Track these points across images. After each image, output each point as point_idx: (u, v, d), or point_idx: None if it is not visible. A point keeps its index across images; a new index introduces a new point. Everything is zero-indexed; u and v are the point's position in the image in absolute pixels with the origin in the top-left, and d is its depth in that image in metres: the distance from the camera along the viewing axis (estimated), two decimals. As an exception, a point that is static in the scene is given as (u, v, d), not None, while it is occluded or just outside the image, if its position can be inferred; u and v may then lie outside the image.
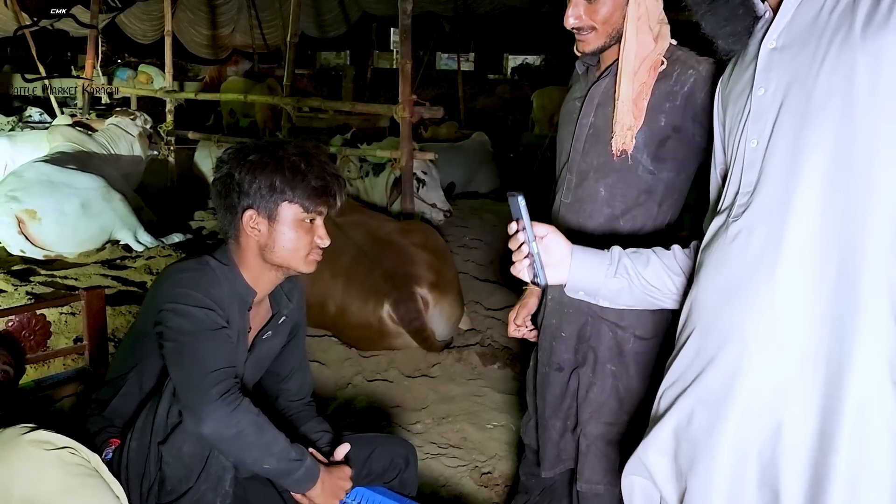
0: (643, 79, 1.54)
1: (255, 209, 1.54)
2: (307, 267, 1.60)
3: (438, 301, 3.42)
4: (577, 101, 1.69)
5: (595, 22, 1.54)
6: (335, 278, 3.52)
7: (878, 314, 0.92)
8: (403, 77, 4.45)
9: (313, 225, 1.58)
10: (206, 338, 1.48)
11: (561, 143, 1.74)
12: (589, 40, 1.57)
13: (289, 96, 5.46)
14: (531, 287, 1.88)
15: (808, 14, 1.01)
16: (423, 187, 4.86)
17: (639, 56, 1.53)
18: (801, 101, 0.99)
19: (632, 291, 1.33)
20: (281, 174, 1.52)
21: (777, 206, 1.00)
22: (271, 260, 1.58)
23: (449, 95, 13.49)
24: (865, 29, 0.92)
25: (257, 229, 1.56)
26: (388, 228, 3.75)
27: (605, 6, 1.52)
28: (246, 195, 1.53)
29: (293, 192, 1.53)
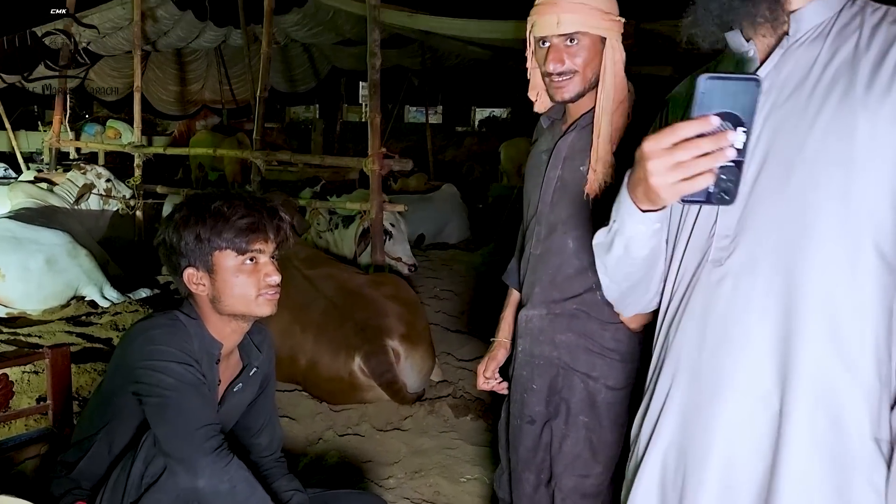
0: (619, 123, 1.59)
1: (194, 266, 1.53)
2: (264, 309, 1.57)
3: (410, 353, 3.42)
4: (544, 155, 1.72)
5: (576, 66, 1.57)
6: (305, 331, 3.49)
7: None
8: (372, 130, 4.52)
9: (256, 265, 1.54)
10: (191, 392, 1.46)
11: (528, 196, 1.78)
12: (568, 86, 1.58)
13: (258, 150, 5.49)
14: (499, 339, 1.89)
15: (798, 63, 1.02)
16: (390, 240, 4.89)
17: (616, 99, 1.58)
18: (790, 152, 0.99)
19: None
20: (203, 224, 1.50)
21: (770, 258, 1.00)
22: (226, 311, 1.56)
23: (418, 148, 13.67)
24: (868, 89, 0.94)
25: (201, 284, 1.54)
26: (359, 281, 3.76)
27: (584, 51, 1.56)
28: (181, 254, 1.53)
29: (220, 239, 1.50)
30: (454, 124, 22.32)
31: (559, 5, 1.54)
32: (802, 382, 0.97)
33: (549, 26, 1.55)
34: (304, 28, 9.77)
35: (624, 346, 1.63)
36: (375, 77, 4.50)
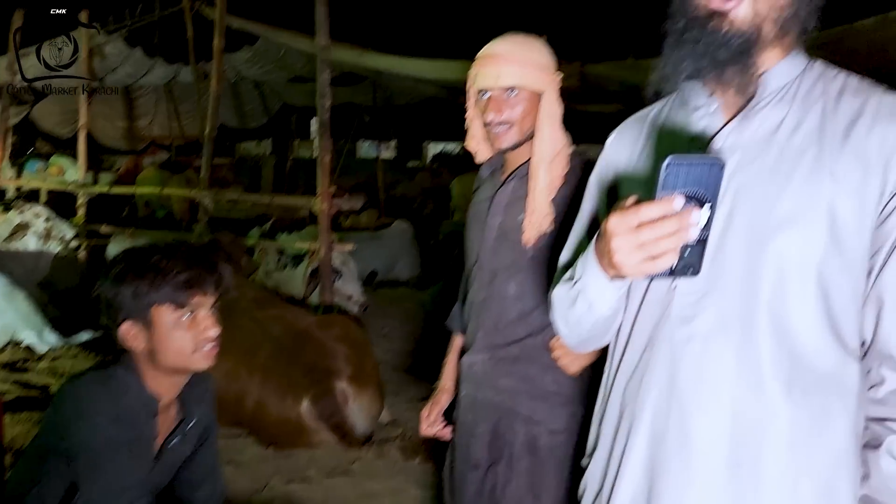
0: (554, 174, 1.64)
1: (131, 320, 1.51)
2: (202, 363, 1.55)
3: (358, 395, 3.39)
4: (485, 203, 1.77)
5: (514, 117, 1.62)
6: (252, 374, 3.44)
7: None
8: (322, 169, 4.53)
9: (195, 319, 1.53)
10: (120, 452, 1.43)
11: (471, 243, 1.81)
12: (507, 135, 1.64)
13: (206, 189, 5.44)
14: (443, 384, 1.91)
15: (764, 124, 1.02)
16: (340, 279, 4.87)
17: (553, 149, 1.63)
18: (760, 215, 0.98)
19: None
20: (141, 279, 1.49)
21: (741, 320, 0.99)
22: (163, 365, 1.54)
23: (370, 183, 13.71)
24: (835, 162, 0.96)
25: (138, 339, 1.52)
26: (307, 322, 3.73)
27: (522, 103, 1.62)
28: (118, 309, 1.51)
29: (158, 294, 1.49)
30: (407, 159, 22.47)
31: (500, 59, 1.60)
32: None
33: (490, 79, 1.61)
34: (254, 66, 9.78)
35: (565, 390, 1.66)
36: (325, 117, 4.54)
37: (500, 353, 1.70)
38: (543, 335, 1.67)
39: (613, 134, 1.25)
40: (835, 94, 1.01)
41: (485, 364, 1.72)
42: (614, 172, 1.20)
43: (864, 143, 0.96)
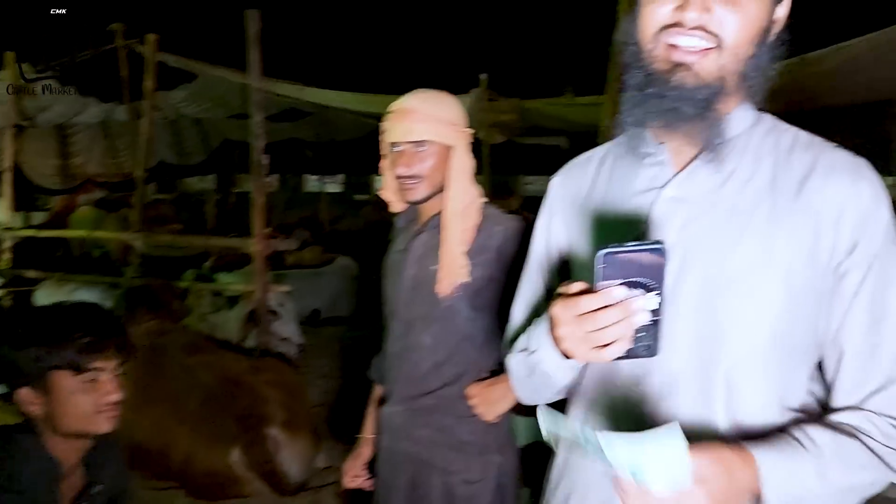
0: (466, 225, 1.67)
1: (30, 386, 1.48)
2: (103, 426, 1.52)
3: (291, 441, 3.34)
4: (400, 254, 1.79)
5: (423, 171, 1.66)
6: (181, 424, 3.36)
7: None
8: (257, 211, 4.48)
9: (96, 383, 1.50)
10: None
11: (386, 294, 1.83)
12: (417, 188, 1.67)
13: (138, 231, 5.33)
14: (364, 436, 1.90)
15: (715, 176, 1.00)
16: (277, 320, 4.81)
17: (463, 202, 1.67)
18: (711, 270, 0.97)
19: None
20: (40, 344, 1.46)
21: (693, 381, 0.98)
22: (63, 430, 1.50)
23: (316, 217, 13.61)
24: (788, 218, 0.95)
25: (34, 404, 1.49)
26: (239, 367, 3.66)
27: (432, 157, 1.65)
28: (16, 373, 1.48)
29: (59, 359, 1.46)
30: (354, 192, 22.48)
31: (411, 114, 1.64)
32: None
33: (400, 133, 1.64)
34: (193, 103, 9.70)
35: (480, 439, 1.67)
36: (259, 158, 4.50)
37: (416, 404, 1.71)
38: (459, 385, 1.68)
39: (558, 177, 1.22)
40: (786, 149, 1.01)
41: (402, 415, 1.73)
42: (561, 219, 1.17)
43: (817, 199, 0.95)
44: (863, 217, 0.94)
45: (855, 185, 0.95)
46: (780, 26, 1.01)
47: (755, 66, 0.97)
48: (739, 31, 0.94)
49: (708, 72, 0.94)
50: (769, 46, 0.99)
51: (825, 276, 0.95)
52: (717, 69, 0.94)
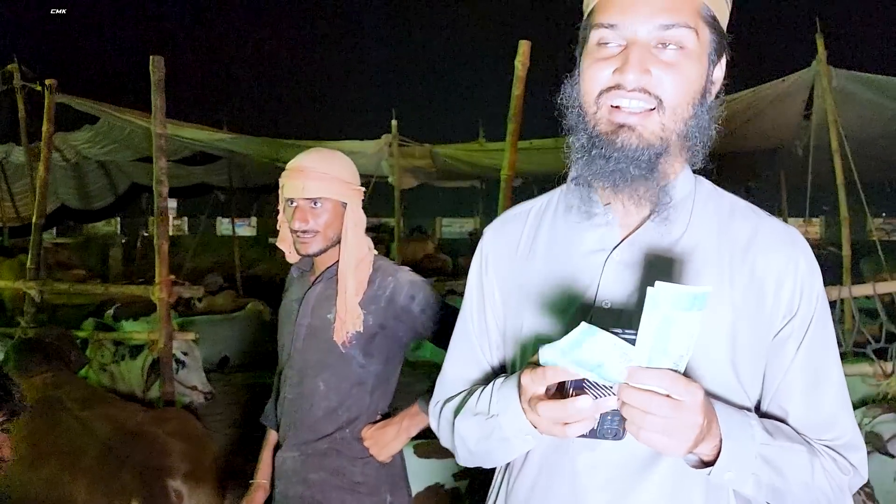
0: (360, 277, 1.76)
1: None
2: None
3: (193, 492, 3.26)
4: (295, 303, 1.86)
5: (318, 226, 1.75)
6: (76, 480, 3.23)
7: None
8: (160, 258, 4.42)
9: None
10: None
11: (282, 341, 1.89)
12: (312, 242, 1.77)
13: (34, 279, 5.13)
14: (258, 481, 1.93)
15: (660, 241, 1.02)
16: (184, 369, 4.72)
17: (356, 256, 1.76)
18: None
19: None
20: None
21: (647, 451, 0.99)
22: None
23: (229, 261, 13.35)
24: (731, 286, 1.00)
25: None
26: (139, 419, 3.56)
27: (326, 213, 1.75)
28: None
29: None
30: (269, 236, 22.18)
31: (306, 172, 1.74)
32: None
33: (296, 190, 1.73)
34: (97, 146, 9.44)
35: (372, 480, 1.74)
36: (163, 205, 4.45)
37: (310, 448, 1.76)
38: (351, 428, 1.75)
39: (490, 231, 1.21)
40: (726, 215, 1.05)
41: (295, 460, 1.78)
42: (495, 274, 1.16)
43: (759, 268, 1.01)
44: (800, 286, 1.01)
45: (793, 257, 1.02)
46: (718, 87, 1.05)
47: (696, 127, 1.00)
48: (678, 92, 0.97)
49: (651, 132, 0.97)
50: (709, 107, 1.02)
51: (765, 339, 1.01)
52: (659, 129, 0.97)
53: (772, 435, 0.96)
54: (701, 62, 0.99)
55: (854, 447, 1.04)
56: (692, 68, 0.98)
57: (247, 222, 24.69)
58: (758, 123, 6.40)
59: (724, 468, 0.91)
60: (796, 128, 6.63)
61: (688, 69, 0.97)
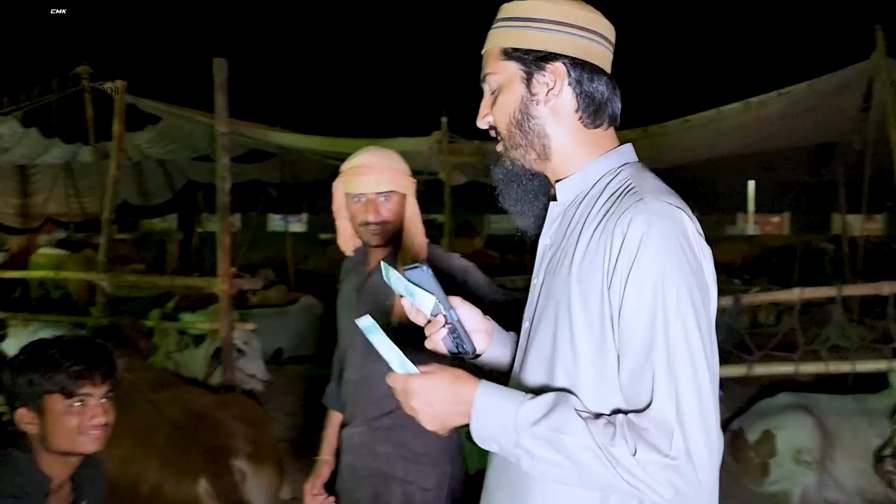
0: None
1: (25, 407, 1.66)
2: (89, 447, 1.69)
3: (256, 473, 3.44)
4: (354, 293, 1.99)
5: (390, 216, 1.89)
6: (149, 458, 3.44)
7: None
8: (222, 251, 4.63)
9: (84, 407, 1.68)
10: None
11: (343, 328, 2.02)
12: (382, 233, 1.90)
13: (104, 271, 5.41)
14: (323, 457, 2.06)
15: (560, 230, 1.21)
16: (243, 357, 4.92)
17: (417, 242, 1.88)
18: (553, 298, 1.16)
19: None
20: (35, 370, 1.65)
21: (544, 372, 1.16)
22: (53, 448, 1.67)
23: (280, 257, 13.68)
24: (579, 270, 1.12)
25: (31, 424, 1.66)
26: (205, 402, 3.76)
27: (394, 204, 1.90)
28: (15, 396, 1.66)
29: (50, 384, 1.64)
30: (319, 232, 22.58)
31: (374, 169, 1.87)
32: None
33: (368, 185, 1.87)
34: (158, 145, 9.79)
35: (433, 451, 1.86)
36: (225, 200, 4.66)
37: (375, 423, 1.89)
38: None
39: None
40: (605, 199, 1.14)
41: (363, 435, 1.91)
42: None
43: (604, 244, 1.09)
44: (629, 261, 1.05)
45: (633, 234, 1.05)
46: (552, 94, 1.19)
47: (539, 135, 1.21)
48: (502, 121, 1.23)
49: (507, 155, 1.25)
50: (547, 115, 1.20)
51: (606, 308, 1.08)
52: (505, 151, 1.24)
53: (539, 424, 1.05)
54: (512, 90, 1.21)
55: (665, 429, 1.01)
56: (503, 98, 1.23)
57: (298, 218, 25.15)
58: (814, 117, 6.31)
59: (483, 443, 1.12)
60: (854, 122, 6.50)
61: (502, 100, 1.23)
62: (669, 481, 1.00)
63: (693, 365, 1.03)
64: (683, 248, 1.06)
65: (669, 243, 1.05)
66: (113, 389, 1.74)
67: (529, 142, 1.21)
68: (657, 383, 1.03)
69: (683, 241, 1.06)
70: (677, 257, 1.05)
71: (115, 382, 1.75)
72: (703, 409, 1.02)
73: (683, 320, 1.03)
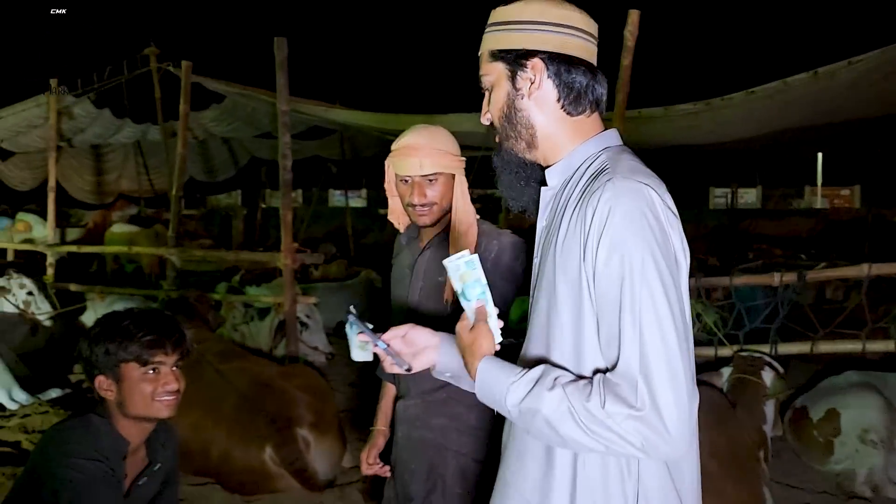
0: (468, 241, 1.91)
1: (104, 374, 1.78)
2: (163, 412, 1.81)
3: (319, 441, 3.57)
4: (407, 269, 2.04)
5: (435, 198, 1.91)
6: (218, 425, 3.61)
7: None
8: (285, 227, 4.76)
9: (158, 374, 1.80)
10: (100, 486, 1.67)
11: (396, 303, 2.07)
12: (429, 214, 1.93)
13: (174, 246, 5.63)
14: (378, 428, 2.14)
15: (552, 211, 1.32)
16: (306, 330, 5.07)
17: (466, 222, 1.91)
18: (548, 275, 1.26)
19: None
20: (112, 340, 1.77)
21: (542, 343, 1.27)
22: (130, 413, 1.79)
23: (341, 231, 13.92)
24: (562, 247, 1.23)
25: (110, 391, 1.78)
26: (271, 373, 3.91)
27: (440, 186, 1.91)
28: (93, 364, 1.78)
29: (126, 353, 1.76)
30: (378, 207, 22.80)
31: (420, 150, 1.89)
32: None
33: (412, 167, 1.89)
34: (222, 123, 10.05)
35: (486, 424, 1.90)
36: (287, 177, 4.78)
37: (430, 397, 1.94)
38: (467, 379, 1.91)
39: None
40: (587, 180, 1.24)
41: (418, 407, 1.96)
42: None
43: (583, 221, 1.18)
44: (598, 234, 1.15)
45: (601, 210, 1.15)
46: (534, 88, 1.30)
47: (526, 126, 1.32)
48: (495, 115, 1.36)
49: (502, 146, 1.37)
50: (531, 107, 1.31)
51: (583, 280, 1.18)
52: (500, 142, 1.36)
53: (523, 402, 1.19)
54: (500, 88, 1.33)
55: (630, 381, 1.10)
56: (496, 95, 1.35)
57: (357, 194, 25.44)
58: (887, 87, 6.02)
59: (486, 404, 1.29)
60: (932, 90, 6.17)
61: (495, 98, 1.35)
62: (637, 430, 1.08)
63: (658, 323, 1.11)
64: (649, 220, 1.15)
65: (634, 216, 1.14)
66: (183, 358, 1.85)
67: (518, 133, 1.34)
68: (623, 340, 1.12)
69: (650, 213, 1.15)
70: (642, 229, 1.14)
71: (185, 351, 1.86)
72: (670, 365, 1.09)
73: (649, 284, 1.12)
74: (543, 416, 1.15)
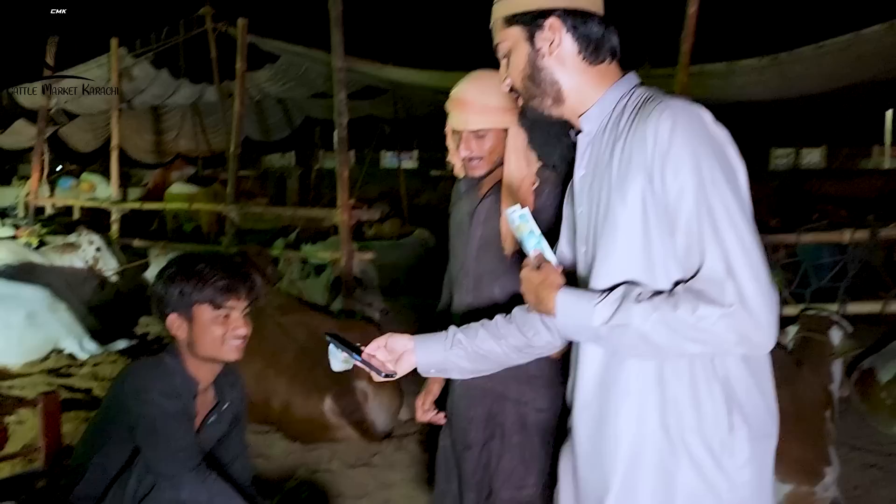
0: (522, 195, 1.87)
1: (176, 314, 1.82)
2: (231, 354, 1.86)
3: (377, 393, 3.63)
4: (466, 216, 2.01)
5: (483, 153, 1.88)
6: (279, 376, 3.70)
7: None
8: (341, 183, 4.80)
9: (228, 318, 1.84)
10: (174, 421, 1.73)
11: (455, 251, 2.05)
12: (479, 167, 1.91)
13: (232, 203, 5.73)
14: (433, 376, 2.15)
15: (594, 155, 1.36)
16: (361, 286, 5.12)
17: (517, 176, 1.87)
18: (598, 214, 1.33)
19: (470, 358, 1.59)
20: (187, 282, 1.80)
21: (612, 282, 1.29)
22: (199, 354, 1.84)
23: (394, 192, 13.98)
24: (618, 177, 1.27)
25: (181, 330, 1.83)
26: (329, 326, 3.97)
27: (490, 141, 1.87)
28: (166, 304, 1.82)
29: (200, 295, 1.80)
30: (430, 168, 22.77)
31: (467, 106, 1.86)
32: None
33: (461, 122, 1.87)
34: (277, 83, 10.11)
35: (546, 373, 1.89)
36: (343, 134, 4.80)
37: (491, 345, 1.93)
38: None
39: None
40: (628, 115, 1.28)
41: (477, 355, 1.95)
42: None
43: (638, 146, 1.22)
44: (664, 152, 1.19)
45: (663, 129, 1.19)
46: (555, 46, 1.35)
47: (550, 83, 1.36)
48: (517, 79, 1.40)
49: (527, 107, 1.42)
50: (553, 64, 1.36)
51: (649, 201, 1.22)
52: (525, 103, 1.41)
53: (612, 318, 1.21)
54: (520, 51, 1.38)
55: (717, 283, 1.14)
56: (516, 58, 1.39)
57: (409, 155, 25.44)
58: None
59: (569, 337, 1.40)
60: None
61: (515, 60, 1.40)
62: (731, 327, 1.13)
63: (734, 226, 1.16)
64: (711, 132, 1.21)
65: (696, 130, 1.20)
66: (252, 304, 1.89)
67: (543, 91, 1.38)
68: (705, 247, 1.16)
69: (710, 126, 1.22)
70: (707, 140, 1.20)
71: (255, 298, 1.89)
72: (750, 262, 1.14)
73: (720, 190, 1.17)
74: (635, 328, 1.19)
